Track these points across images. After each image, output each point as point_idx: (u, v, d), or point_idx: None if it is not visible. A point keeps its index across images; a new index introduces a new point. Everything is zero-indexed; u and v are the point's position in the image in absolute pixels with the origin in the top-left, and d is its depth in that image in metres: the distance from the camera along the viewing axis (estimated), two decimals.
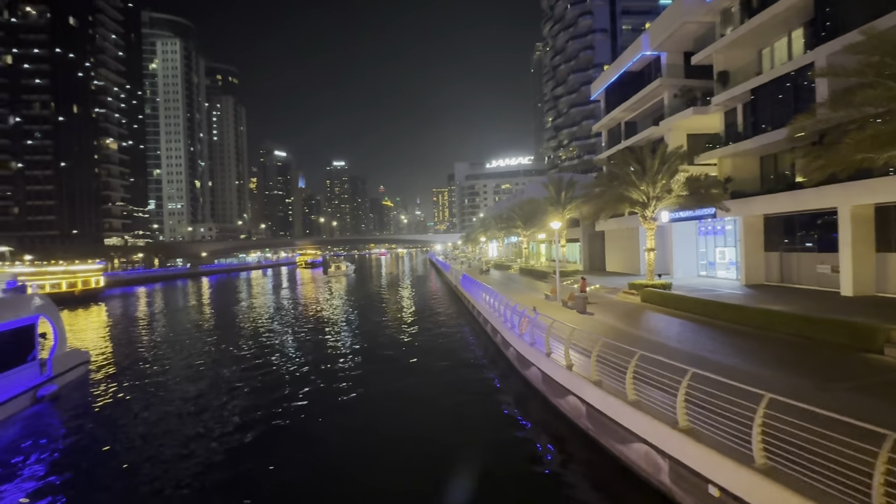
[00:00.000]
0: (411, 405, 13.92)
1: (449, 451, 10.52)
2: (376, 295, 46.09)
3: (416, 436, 11.56)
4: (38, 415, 13.95)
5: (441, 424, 12.28)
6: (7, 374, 13.68)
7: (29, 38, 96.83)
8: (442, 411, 13.10)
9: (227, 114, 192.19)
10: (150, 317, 37.12)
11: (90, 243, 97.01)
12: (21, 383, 14.21)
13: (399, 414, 13.27)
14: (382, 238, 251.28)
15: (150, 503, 8.87)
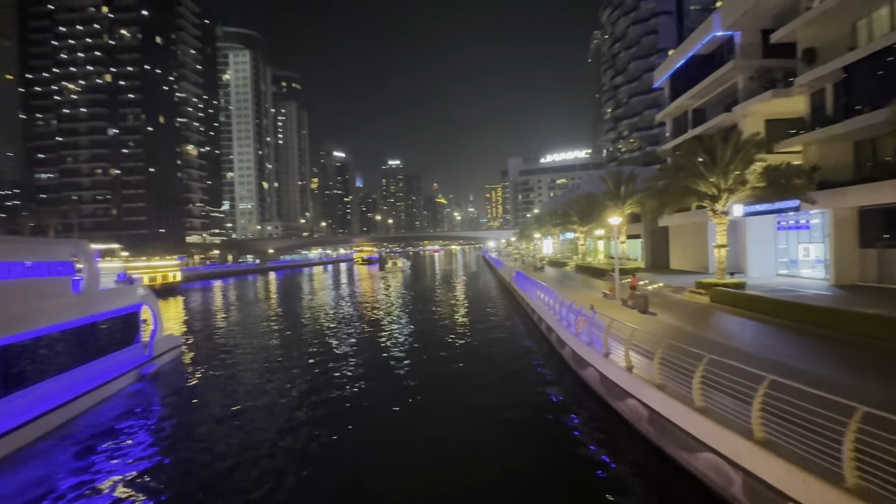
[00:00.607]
0: (465, 400, 13.91)
1: (501, 450, 10.46)
2: (430, 291, 46.76)
3: (468, 433, 11.49)
4: (142, 389, 15.98)
5: (493, 421, 12.18)
6: (118, 353, 15.87)
7: (123, 57, 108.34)
8: (495, 408, 13.01)
9: (290, 118, 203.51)
10: (226, 308, 40.34)
11: (174, 241, 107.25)
12: (129, 362, 16.36)
13: (450, 410, 13.27)
14: (436, 235, 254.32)
15: (228, 468, 9.89)
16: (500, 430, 11.57)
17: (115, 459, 10.66)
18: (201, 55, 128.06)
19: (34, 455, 10.71)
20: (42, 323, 12.49)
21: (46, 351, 12.74)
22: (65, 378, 13.04)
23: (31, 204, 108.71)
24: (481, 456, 10.18)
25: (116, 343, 15.99)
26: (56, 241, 15.28)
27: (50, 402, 12.14)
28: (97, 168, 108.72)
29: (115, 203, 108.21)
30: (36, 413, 11.58)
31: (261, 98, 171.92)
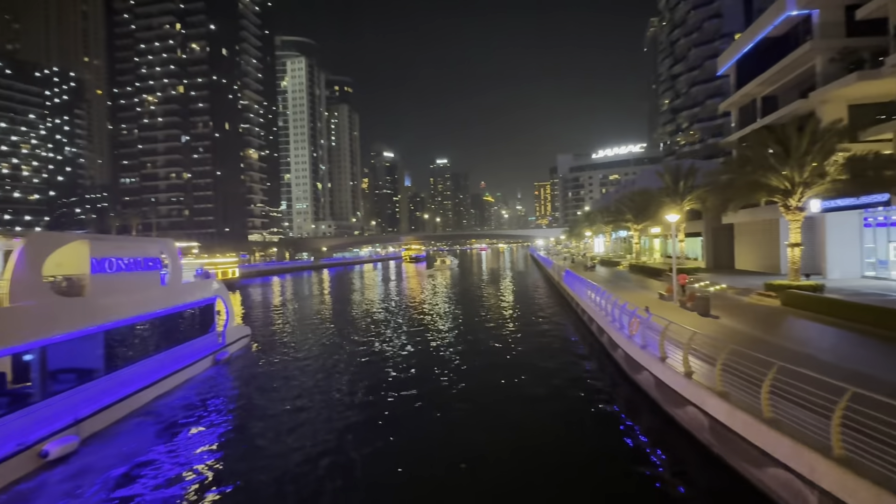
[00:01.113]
0: (511, 404, 13.67)
1: (550, 457, 10.17)
2: (477, 289, 46.72)
3: (516, 439, 11.11)
4: (217, 373, 17.53)
5: (542, 427, 11.86)
6: (197, 340, 17.57)
7: (193, 70, 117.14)
8: (543, 412, 12.74)
9: (343, 121, 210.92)
10: (284, 303, 42.60)
11: (238, 239, 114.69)
12: (206, 348, 18.01)
13: (499, 415, 12.88)
14: (483, 233, 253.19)
15: (293, 445, 10.84)
16: (548, 435, 11.27)
17: (194, 437, 11.80)
18: (261, 64, 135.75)
19: (125, 430, 12.03)
20: (136, 312, 14.13)
21: (139, 336, 14.44)
22: (154, 361, 14.70)
23: (116, 206, 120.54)
24: (529, 463, 9.89)
25: (195, 331, 17.69)
26: (147, 240, 17.34)
27: (142, 382, 13.70)
28: (172, 172, 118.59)
29: (187, 204, 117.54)
30: (130, 391, 13.10)
31: (315, 102, 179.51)
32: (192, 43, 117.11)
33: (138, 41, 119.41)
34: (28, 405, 10.08)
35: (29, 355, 10.41)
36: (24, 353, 10.40)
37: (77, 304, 11.96)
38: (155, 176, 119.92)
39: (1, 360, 10.31)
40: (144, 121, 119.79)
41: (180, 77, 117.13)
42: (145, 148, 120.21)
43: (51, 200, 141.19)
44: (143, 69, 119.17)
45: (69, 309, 11.60)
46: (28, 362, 10.52)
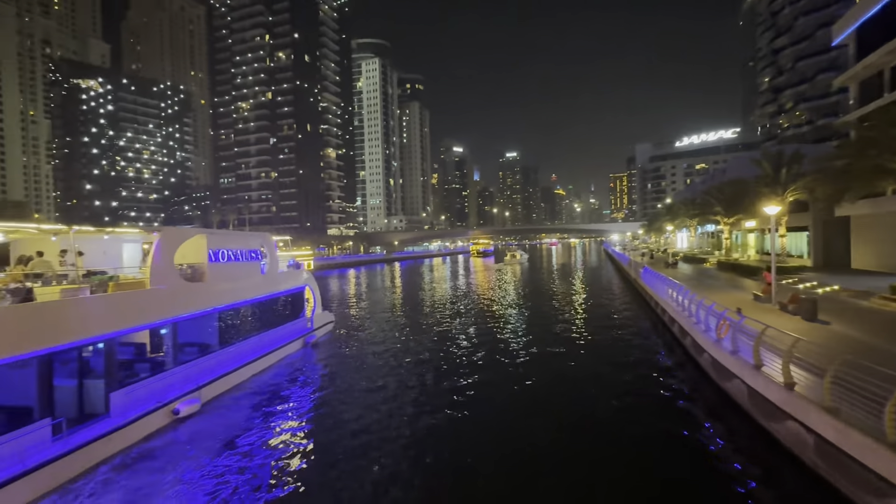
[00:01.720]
0: (583, 408, 12.91)
1: (628, 473, 9.42)
2: (547, 285, 45.60)
3: (592, 453, 10.06)
4: (306, 354, 19.32)
5: (618, 435, 11.03)
6: (290, 324, 19.50)
7: (280, 76, 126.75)
8: (620, 419, 12.03)
9: (413, 118, 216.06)
10: (359, 294, 44.94)
11: (318, 233, 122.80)
12: (297, 332, 19.90)
13: (566, 417, 12.23)
14: (553, 228, 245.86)
15: (371, 421, 11.63)
16: (625, 447, 10.39)
17: (287, 408, 13.20)
18: (339, 67, 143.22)
19: (233, 398, 13.74)
20: (242, 297, 16.04)
21: (244, 318, 16.52)
22: (255, 340, 16.56)
23: (217, 203, 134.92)
24: (603, 480, 9.21)
25: (288, 316, 19.54)
26: (250, 234, 19.50)
27: (246, 358, 15.59)
28: (262, 172, 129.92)
29: (275, 201, 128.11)
30: (237, 365, 14.95)
31: (388, 101, 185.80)
32: (279, 52, 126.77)
33: (234, 53, 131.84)
34: (163, 371, 12.05)
35: (164, 329, 12.41)
36: (161, 328, 12.38)
37: (198, 289, 13.93)
38: (248, 176, 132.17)
39: (142, 332, 12.33)
40: (239, 126, 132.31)
41: (269, 84, 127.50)
42: (240, 150, 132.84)
43: (165, 199, 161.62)
44: (238, 79, 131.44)
45: (193, 292, 13.57)
46: (163, 336, 12.60)
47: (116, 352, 10.64)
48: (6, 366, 8.23)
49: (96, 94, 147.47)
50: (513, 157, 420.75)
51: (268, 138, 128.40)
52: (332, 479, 9.13)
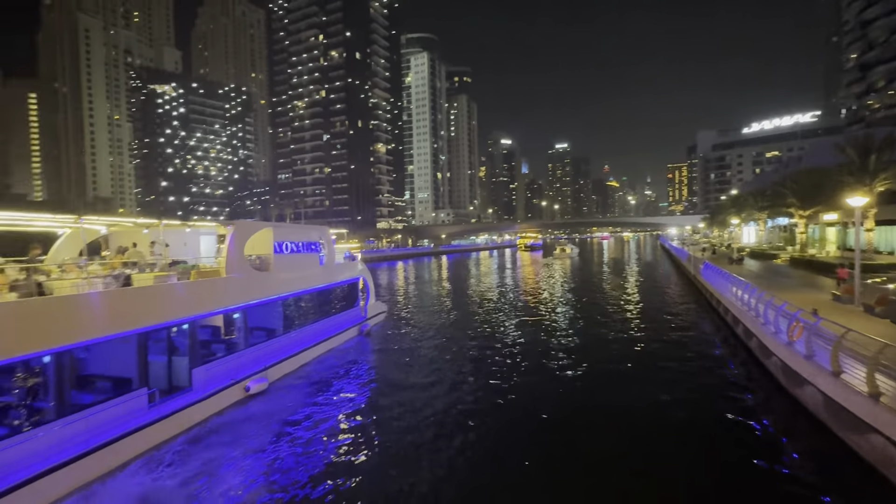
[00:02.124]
0: (635, 417, 11.67)
1: (692, 492, 8.61)
2: (598, 280, 44.10)
3: (648, 470, 9.16)
4: (360, 342, 20.15)
5: (676, 448, 10.03)
6: (346, 312, 20.52)
7: (332, 75, 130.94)
8: (675, 425, 11.23)
9: (461, 111, 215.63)
10: (407, 285, 45.85)
11: (369, 226, 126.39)
12: (352, 320, 20.75)
13: (618, 429, 11.05)
14: (605, 221, 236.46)
15: (421, 407, 12.22)
16: (685, 462, 9.45)
17: (343, 391, 13.92)
18: (389, 63, 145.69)
19: (294, 380, 14.67)
20: (303, 286, 17.03)
21: (304, 307, 17.63)
22: (314, 327, 17.58)
23: (275, 198, 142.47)
24: (658, 490, 8.64)
25: (344, 305, 20.57)
26: (310, 227, 20.36)
27: (306, 343, 16.53)
28: (316, 168, 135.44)
29: (328, 195, 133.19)
30: (299, 349, 15.80)
31: (436, 95, 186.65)
32: (332, 51, 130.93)
33: (290, 55, 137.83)
34: (236, 352, 13.19)
35: (236, 314, 13.55)
36: (234, 313, 13.54)
37: (265, 278, 14.96)
38: (303, 171, 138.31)
39: (218, 316, 13.52)
40: (295, 123, 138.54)
41: (322, 83, 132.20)
42: (296, 147, 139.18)
43: (229, 195, 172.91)
44: (294, 79, 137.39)
45: (261, 281, 14.62)
46: (235, 320, 13.74)
47: (198, 333, 11.81)
48: (113, 341, 9.47)
49: (170, 97, 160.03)
50: (563, 149, 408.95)
51: (321, 135, 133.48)
52: (379, 464, 9.44)
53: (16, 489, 7.23)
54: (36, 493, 7.51)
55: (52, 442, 8.11)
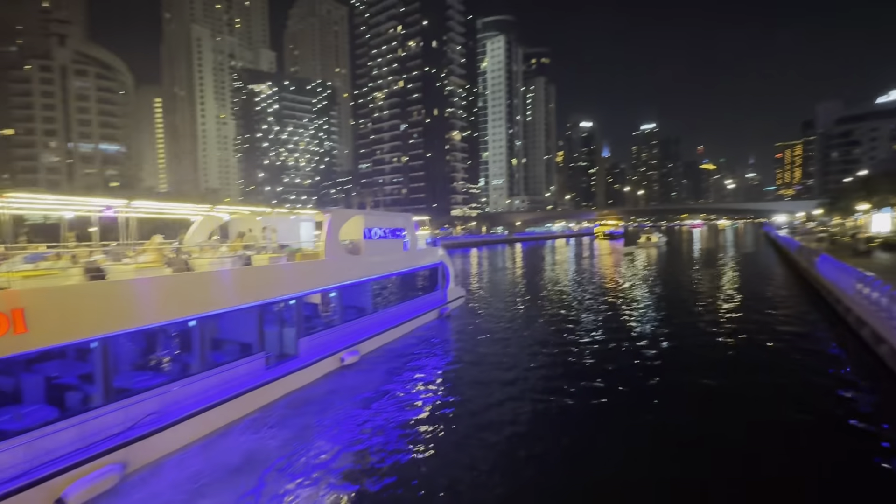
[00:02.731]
0: (736, 428, 10.16)
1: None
2: (687, 273, 40.73)
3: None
4: (440, 325, 20.97)
5: (803, 474, 8.66)
6: (427, 296, 21.48)
7: (410, 65, 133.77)
8: (790, 455, 9.91)
9: (539, 94, 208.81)
10: (481, 272, 46.16)
11: (443, 214, 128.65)
12: (433, 303, 21.63)
13: (715, 451, 9.40)
14: (697, 207, 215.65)
15: (496, 391, 12.46)
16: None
17: (421, 372, 14.61)
18: (464, 49, 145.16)
19: (381, 356, 15.79)
20: (389, 270, 18.26)
21: (389, 289, 19.08)
22: (398, 308, 18.87)
23: (357, 187, 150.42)
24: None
25: (426, 289, 21.77)
26: (395, 214, 21.54)
27: (391, 323, 17.68)
28: (394, 157, 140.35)
29: (405, 184, 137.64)
30: (384, 329, 17.04)
31: (512, 78, 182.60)
32: (409, 41, 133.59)
33: (371, 48, 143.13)
34: (332, 327, 14.69)
35: (332, 293, 14.97)
36: (330, 292, 14.96)
37: (357, 261, 16.27)
38: (382, 161, 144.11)
39: (316, 294, 14.82)
40: (375, 115, 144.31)
41: (400, 73, 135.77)
42: (375, 138, 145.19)
43: (315, 184, 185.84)
44: (374, 71, 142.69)
45: (353, 264, 15.97)
46: (331, 298, 15.20)
47: (302, 308, 13.32)
48: (239, 311, 11.10)
49: (266, 95, 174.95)
50: (649, 130, 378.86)
51: (399, 125, 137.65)
52: (451, 447, 9.74)
53: (175, 424, 9.03)
54: (178, 435, 9.15)
55: (197, 391, 9.92)
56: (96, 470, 7.60)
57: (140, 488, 7.98)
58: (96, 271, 8.96)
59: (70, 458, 7.47)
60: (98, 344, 8.18)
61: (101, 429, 8.08)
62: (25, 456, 7.09)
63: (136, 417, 8.62)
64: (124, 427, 8.39)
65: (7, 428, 7.22)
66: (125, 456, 8.10)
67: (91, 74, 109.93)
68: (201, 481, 8.24)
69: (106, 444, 7.92)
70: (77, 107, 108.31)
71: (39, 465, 7.16)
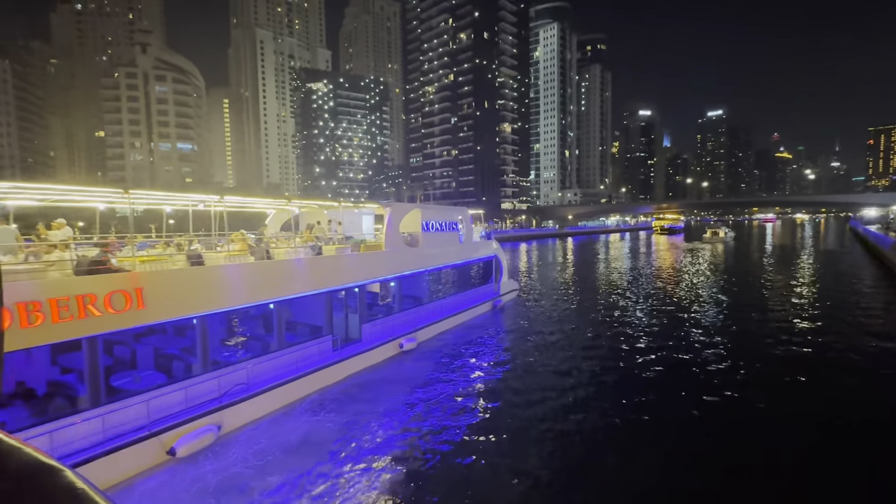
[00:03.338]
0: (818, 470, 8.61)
1: None
2: (758, 272, 37.74)
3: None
4: (494, 316, 21.33)
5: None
6: (481, 288, 22.11)
7: (461, 57, 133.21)
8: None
9: (594, 83, 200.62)
10: (531, 267, 45.49)
11: (493, 207, 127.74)
12: (487, 295, 22.16)
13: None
14: (771, 200, 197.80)
15: (547, 383, 12.64)
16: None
17: (474, 362, 14.96)
18: (516, 39, 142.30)
19: (436, 344, 16.42)
20: (445, 261, 19.02)
21: (445, 280, 19.96)
22: (453, 299, 19.56)
23: (407, 180, 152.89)
24: None
25: (480, 280, 22.49)
26: (452, 208, 22.08)
27: (446, 313, 18.40)
28: (444, 150, 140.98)
29: (454, 177, 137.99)
30: (439, 318, 17.77)
31: (566, 67, 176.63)
32: (461, 33, 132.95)
33: (422, 42, 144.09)
34: (392, 314, 15.60)
35: (392, 283, 15.90)
36: (390, 281, 15.82)
37: (415, 253, 17.00)
38: (432, 154, 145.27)
39: (376, 284, 15.63)
40: (426, 109, 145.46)
41: (451, 66, 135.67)
42: (426, 132, 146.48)
43: (368, 179, 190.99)
44: (426, 65, 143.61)
45: (411, 255, 16.70)
46: (391, 287, 16.08)
47: (365, 296, 14.21)
48: (311, 297, 12.19)
49: (322, 93, 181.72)
50: (716, 117, 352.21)
51: (449, 118, 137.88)
52: (500, 436, 9.83)
53: (259, 394, 10.25)
54: (261, 404, 10.30)
55: (276, 366, 11.09)
56: (198, 428, 8.85)
57: (233, 448, 9.13)
58: (197, 258, 10.29)
59: (177, 416, 8.75)
60: (197, 321, 9.49)
61: (201, 394, 9.38)
62: (144, 412, 8.45)
63: (228, 386, 9.85)
64: (218, 394, 9.65)
65: (129, 388, 8.65)
66: (220, 419, 9.34)
67: (169, 79, 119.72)
68: (294, 437, 9.52)
69: (205, 408, 9.19)
70: (157, 109, 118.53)
71: (155, 421, 8.49)
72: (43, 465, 0.64)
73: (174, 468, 8.29)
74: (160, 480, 8.03)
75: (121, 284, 8.23)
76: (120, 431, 8.06)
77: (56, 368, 9.34)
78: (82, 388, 8.01)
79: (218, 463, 8.58)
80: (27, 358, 8.11)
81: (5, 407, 7.64)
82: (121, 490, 7.70)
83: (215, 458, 8.69)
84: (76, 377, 8.45)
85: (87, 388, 7.93)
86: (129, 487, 7.78)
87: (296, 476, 8.23)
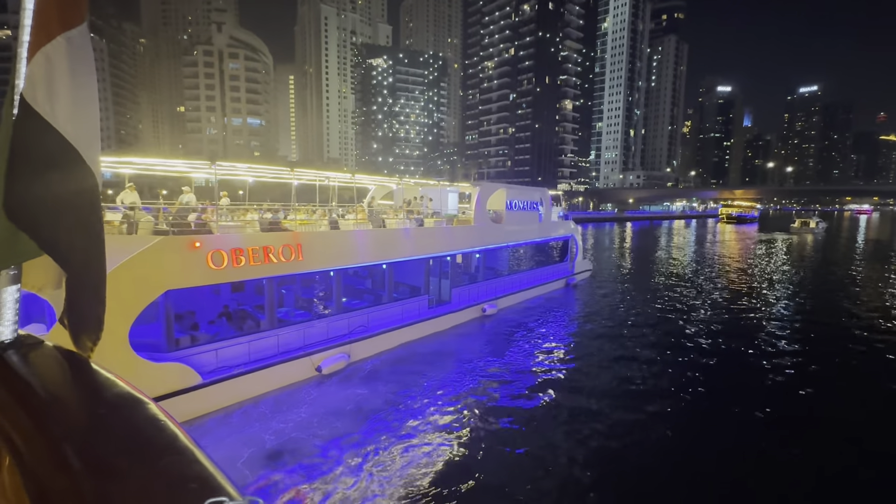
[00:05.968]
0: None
1: None
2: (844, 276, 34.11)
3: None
4: (566, 293, 22.69)
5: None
6: (557, 265, 23.65)
7: (523, 30, 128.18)
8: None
9: (667, 56, 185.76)
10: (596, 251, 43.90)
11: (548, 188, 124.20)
12: (561, 273, 23.72)
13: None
14: (869, 189, 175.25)
15: (614, 365, 12.91)
16: None
17: (545, 329, 16.54)
18: (583, 9, 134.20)
19: (513, 312, 18.08)
20: (525, 238, 20.68)
21: (524, 255, 22.25)
22: (531, 273, 21.35)
23: (463, 158, 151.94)
24: None
25: (556, 258, 24.33)
26: (533, 189, 22.76)
27: (523, 286, 20.20)
28: (500, 128, 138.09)
29: (510, 156, 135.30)
30: (517, 289, 19.69)
31: (636, 39, 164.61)
32: (524, 4, 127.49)
33: (483, 15, 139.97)
34: (477, 282, 17.74)
35: (477, 254, 18.02)
36: (476, 253, 17.93)
37: (499, 229, 18.64)
38: (488, 132, 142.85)
39: (457, 254, 17.01)
40: (484, 85, 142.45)
41: (512, 40, 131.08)
42: (483, 109, 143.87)
43: (424, 155, 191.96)
44: (486, 39, 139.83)
45: (495, 231, 18.44)
46: (476, 258, 18.37)
47: (456, 264, 16.41)
48: (414, 261, 14.56)
49: (382, 69, 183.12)
50: (809, 94, 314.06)
51: (508, 95, 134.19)
52: (564, 398, 10.55)
53: (375, 336, 12.92)
54: (377, 343, 13.01)
55: (386, 315, 13.68)
56: (336, 354, 11.64)
57: (358, 373, 11.83)
58: (334, 223, 13.08)
59: (322, 343, 11.62)
60: (334, 273, 12.19)
61: (336, 329, 12.20)
62: (301, 336, 11.35)
63: (353, 326, 12.60)
64: (347, 331, 12.44)
65: (288, 318, 11.62)
66: (350, 350, 12.07)
67: (241, 56, 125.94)
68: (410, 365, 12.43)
69: (340, 339, 12.02)
70: (230, 86, 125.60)
71: (307, 345, 11.36)
72: (132, 397, 0.74)
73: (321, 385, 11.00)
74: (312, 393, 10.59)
75: (288, 240, 10.85)
76: (287, 349, 10.91)
77: (234, 301, 12.90)
78: (261, 315, 11.03)
79: (348, 382, 11.17)
80: (221, 292, 12.22)
81: (213, 323, 11.00)
82: (287, 392, 10.42)
83: (347, 380, 11.29)
84: (252, 309, 11.99)
85: (265, 316, 10.73)
86: (296, 390, 10.59)
87: (397, 401, 10.50)
